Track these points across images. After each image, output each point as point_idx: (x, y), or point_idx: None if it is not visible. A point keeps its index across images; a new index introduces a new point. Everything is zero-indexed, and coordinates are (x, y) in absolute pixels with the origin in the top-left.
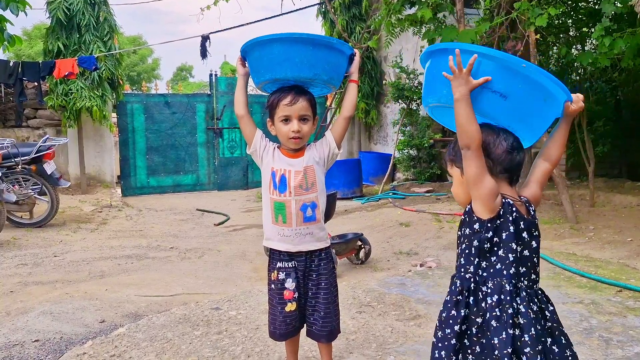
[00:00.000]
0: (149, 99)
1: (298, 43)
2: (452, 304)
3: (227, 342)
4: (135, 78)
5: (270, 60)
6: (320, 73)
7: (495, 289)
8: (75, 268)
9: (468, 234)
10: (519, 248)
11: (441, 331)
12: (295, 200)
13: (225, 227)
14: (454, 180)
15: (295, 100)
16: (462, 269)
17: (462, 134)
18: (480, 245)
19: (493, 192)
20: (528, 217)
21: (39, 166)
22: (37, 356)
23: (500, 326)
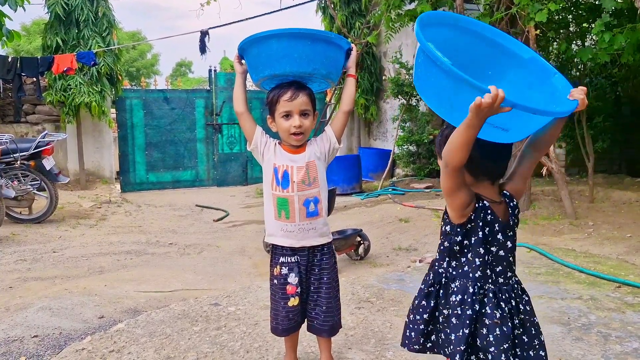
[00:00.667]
0: (148, 94)
1: (296, 38)
2: (424, 294)
3: (226, 337)
4: (134, 74)
5: (268, 57)
6: (319, 68)
7: (460, 289)
8: (74, 264)
9: (443, 232)
10: (494, 249)
11: (412, 315)
12: (298, 195)
13: (224, 223)
14: (442, 172)
15: (295, 96)
16: (437, 263)
17: (449, 152)
18: (450, 246)
19: (465, 204)
20: (505, 219)
21: (38, 162)
22: (36, 352)
23: (459, 324)
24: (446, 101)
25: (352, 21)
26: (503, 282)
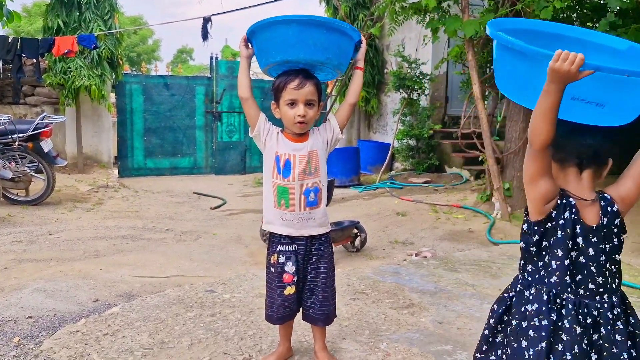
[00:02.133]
0: (148, 80)
1: (313, 26)
2: (498, 299)
3: (221, 324)
4: (135, 59)
5: (283, 41)
6: (332, 57)
7: (536, 297)
8: (70, 247)
9: (521, 233)
10: (574, 254)
11: (487, 319)
12: (298, 184)
13: (221, 211)
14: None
15: (302, 85)
16: (520, 268)
17: (532, 130)
18: (526, 247)
19: (546, 196)
20: (592, 223)
21: (36, 144)
22: (30, 332)
23: (537, 337)
24: (529, 88)
25: (356, 13)
26: (584, 295)
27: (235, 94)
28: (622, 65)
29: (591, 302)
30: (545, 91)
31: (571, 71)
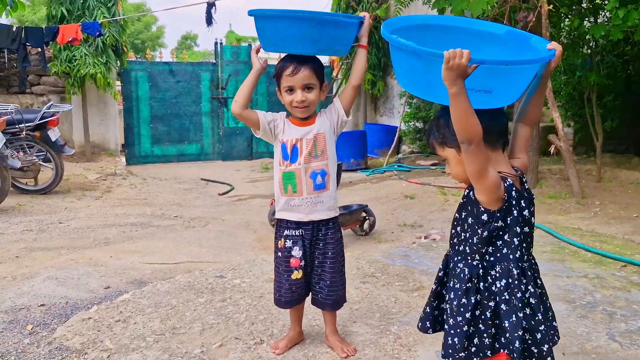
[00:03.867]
0: (153, 67)
1: (300, 20)
2: (462, 292)
3: (231, 309)
4: (139, 46)
5: (273, 35)
6: (326, 48)
7: (503, 273)
8: (80, 235)
9: (472, 223)
10: (525, 227)
11: (452, 319)
12: (304, 168)
13: (229, 197)
14: (451, 162)
15: (297, 70)
16: (469, 257)
17: (462, 130)
18: (489, 234)
19: (497, 182)
20: (523, 192)
21: (44, 133)
22: (43, 320)
23: (509, 309)
24: (424, 83)
25: None
26: (529, 258)
27: (241, 80)
28: (501, 49)
29: (533, 262)
30: (452, 95)
31: (462, 64)
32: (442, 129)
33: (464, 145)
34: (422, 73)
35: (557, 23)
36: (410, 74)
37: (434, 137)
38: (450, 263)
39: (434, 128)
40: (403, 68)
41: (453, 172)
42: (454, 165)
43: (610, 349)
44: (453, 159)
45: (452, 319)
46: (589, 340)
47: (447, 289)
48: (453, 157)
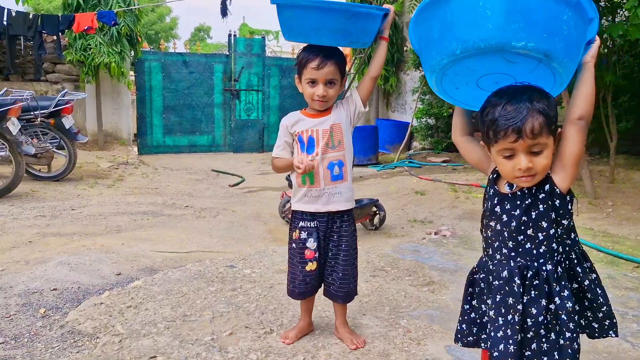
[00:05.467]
0: (167, 57)
1: (334, 12)
2: (569, 293)
3: (242, 298)
4: (153, 37)
5: (304, 26)
6: (355, 40)
7: (584, 256)
8: (92, 222)
9: (554, 218)
10: None
11: (567, 330)
12: (321, 158)
13: (240, 189)
14: (548, 151)
15: (323, 65)
16: (555, 255)
17: (590, 104)
18: (570, 222)
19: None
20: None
21: (58, 120)
22: (55, 304)
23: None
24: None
25: None
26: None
27: (254, 72)
28: None
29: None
30: (590, 66)
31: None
32: (553, 110)
33: (582, 123)
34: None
35: None
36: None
37: (547, 118)
38: (528, 272)
39: (546, 108)
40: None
41: (545, 163)
42: (549, 155)
43: (622, 349)
44: (550, 148)
45: (566, 330)
46: (600, 340)
47: (533, 299)
48: (551, 146)
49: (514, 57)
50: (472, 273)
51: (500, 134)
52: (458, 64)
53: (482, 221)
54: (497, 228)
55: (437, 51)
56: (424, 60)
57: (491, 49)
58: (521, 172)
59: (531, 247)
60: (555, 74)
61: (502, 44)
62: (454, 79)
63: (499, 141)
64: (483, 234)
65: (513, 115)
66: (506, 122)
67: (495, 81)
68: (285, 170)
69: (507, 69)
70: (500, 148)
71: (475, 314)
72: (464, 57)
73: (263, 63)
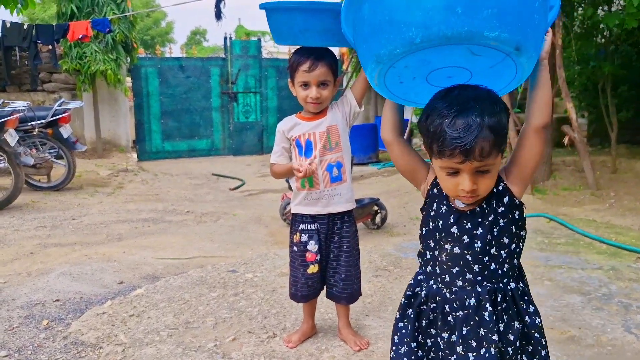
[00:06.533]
0: (163, 62)
1: (319, 13)
2: (536, 310)
3: (244, 303)
4: (148, 42)
5: (290, 28)
6: (344, 40)
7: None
8: (93, 231)
9: (515, 232)
10: None
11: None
12: (319, 160)
13: (240, 192)
14: (494, 170)
15: (314, 67)
16: (516, 271)
17: (551, 108)
18: (525, 234)
19: None
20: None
21: (56, 130)
22: (58, 315)
23: None
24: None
25: None
26: None
27: (251, 74)
28: None
29: None
30: (545, 66)
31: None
32: (505, 124)
33: (546, 130)
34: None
35: (570, 12)
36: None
37: (498, 137)
38: (497, 295)
39: (498, 124)
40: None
41: (490, 183)
42: (495, 174)
43: (626, 340)
44: (497, 166)
45: (541, 348)
46: (604, 332)
47: (507, 325)
48: (499, 164)
49: (481, 49)
50: (418, 303)
51: (445, 153)
52: (413, 55)
53: (427, 242)
54: (455, 251)
55: (387, 38)
56: (366, 50)
57: (459, 38)
58: (464, 192)
59: (496, 267)
60: (519, 69)
61: (472, 33)
62: (402, 72)
63: (442, 158)
64: (430, 257)
65: (461, 135)
66: (453, 142)
67: (449, 75)
68: (284, 176)
69: (467, 62)
70: (443, 165)
71: (422, 352)
72: (424, 48)
73: (260, 65)
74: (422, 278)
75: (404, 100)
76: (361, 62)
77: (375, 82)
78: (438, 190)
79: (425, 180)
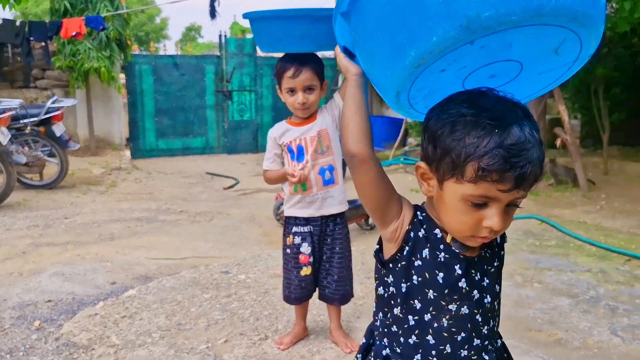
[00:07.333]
0: (157, 60)
1: (296, 19)
2: None
3: (236, 305)
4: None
5: (270, 36)
6: (325, 45)
7: None
8: (85, 230)
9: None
10: None
11: None
12: (312, 165)
13: (234, 191)
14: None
15: (298, 73)
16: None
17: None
18: None
19: None
20: None
21: (48, 128)
22: (50, 316)
23: None
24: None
25: None
26: None
27: (246, 72)
28: None
29: None
30: None
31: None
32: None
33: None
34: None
35: None
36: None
37: (541, 171)
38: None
39: (545, 161)
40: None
41: (511, 222)
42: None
43: (612, 343)
44: None
45: None
46: (591, 334)
47: None
48: None
49: (540, 30)
50: None
51: (489, 176)
52: (464, 48)
53: (409, 304)
54: (463, 312)
55: (434, 25)
56: (390, 54)
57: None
58: (487, 231)
59: (494, 324)
60: (584, 47)
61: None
62: (436, 78)
63: (479, 183)
64: (415, 324)
65: (520, 154)
66: (509, 163)
67: (492, 74)
68: (278, 182)
69: (522, 50)
70: (474, 193)
71: None
72: (488, 34)
73: (255, 63)
74: (391, 354)
75: (420, 116)
76: (378, 76)
77: (395, 100)
78: (427, 231)
79: (399, 218)
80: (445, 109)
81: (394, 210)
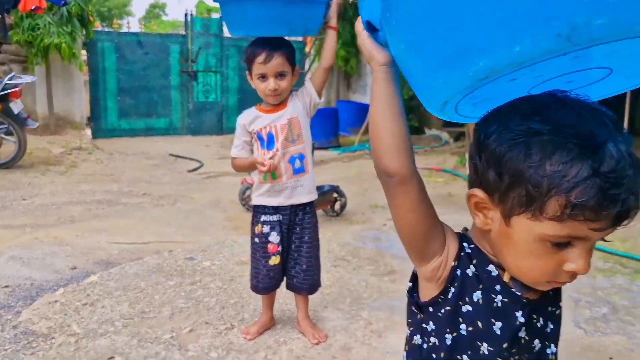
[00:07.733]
0: (120, 37)
1: (269, 1)
2: None
3: (201, 293)
4: (105, 14)
5: (242, 19)
6: (297, 28)
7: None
8: (44, 212)
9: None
10: None
11: None
12: (282, 153)
13: (198, 174)
14: None
15: (269, 58)
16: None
17: None
18: None
19: None
20: None
21: (5, 105)
22: (7, 303)
23: None
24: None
25: None
26: None
27: (212, 53)
28: None
29: None
30: None
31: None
32: None
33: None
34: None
35: None
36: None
37: None
38: None
39: None
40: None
41: None
42: None
43: (576, 335)
44: None
45: None
46: None
47: None
48: None
49: None
50: None
51: (583, 212)
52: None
53: (453, 358)
54: None
55: (519, 29)
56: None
57: None
58: (568, 276)
59: None
60: None
61: None
62: (501, 87)
63: (565, 222)
64: None
65: (625, 180)
66: (609, 194)
67: (569, 80)
68: (247, 170)
69: (618, 60)
70: (555, 233)
71: None
72: (597, 44)
73: (221, 44)
74: None
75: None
76: (420, 78)
77: (439, 108)
78: (477, 268)
79: (442, 252)
80: (508, 123)
81: (437, 242)
